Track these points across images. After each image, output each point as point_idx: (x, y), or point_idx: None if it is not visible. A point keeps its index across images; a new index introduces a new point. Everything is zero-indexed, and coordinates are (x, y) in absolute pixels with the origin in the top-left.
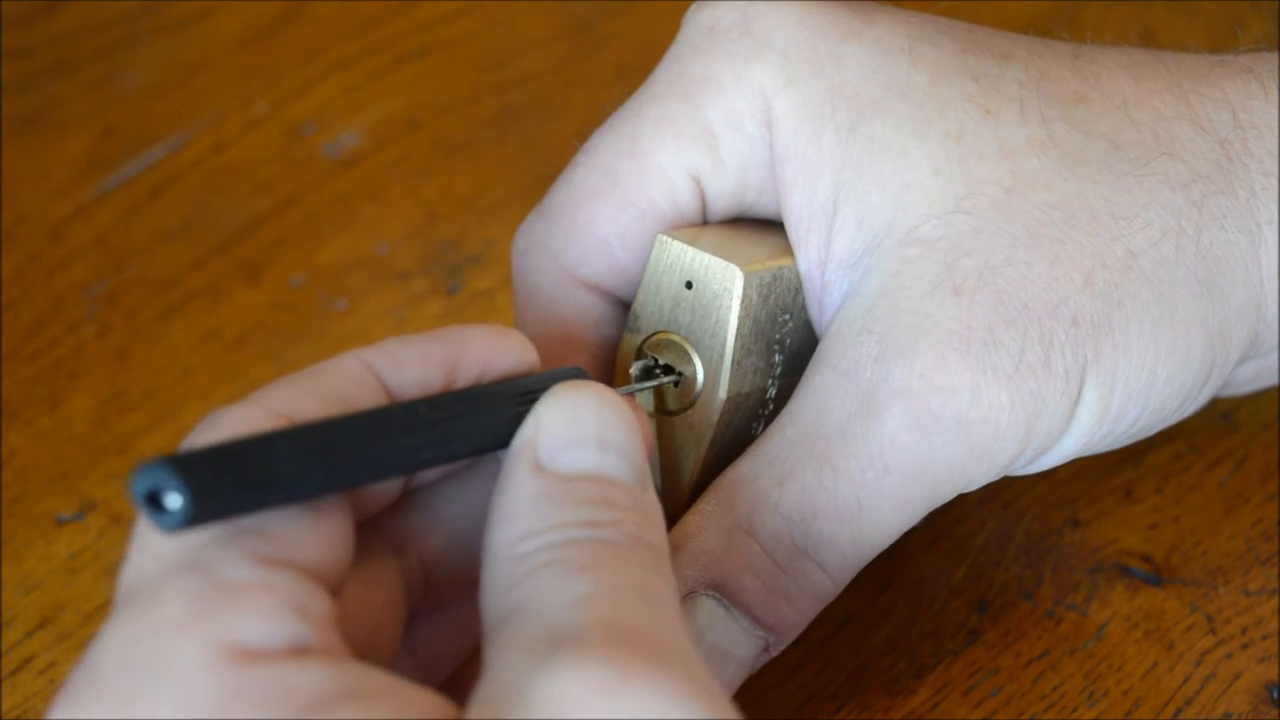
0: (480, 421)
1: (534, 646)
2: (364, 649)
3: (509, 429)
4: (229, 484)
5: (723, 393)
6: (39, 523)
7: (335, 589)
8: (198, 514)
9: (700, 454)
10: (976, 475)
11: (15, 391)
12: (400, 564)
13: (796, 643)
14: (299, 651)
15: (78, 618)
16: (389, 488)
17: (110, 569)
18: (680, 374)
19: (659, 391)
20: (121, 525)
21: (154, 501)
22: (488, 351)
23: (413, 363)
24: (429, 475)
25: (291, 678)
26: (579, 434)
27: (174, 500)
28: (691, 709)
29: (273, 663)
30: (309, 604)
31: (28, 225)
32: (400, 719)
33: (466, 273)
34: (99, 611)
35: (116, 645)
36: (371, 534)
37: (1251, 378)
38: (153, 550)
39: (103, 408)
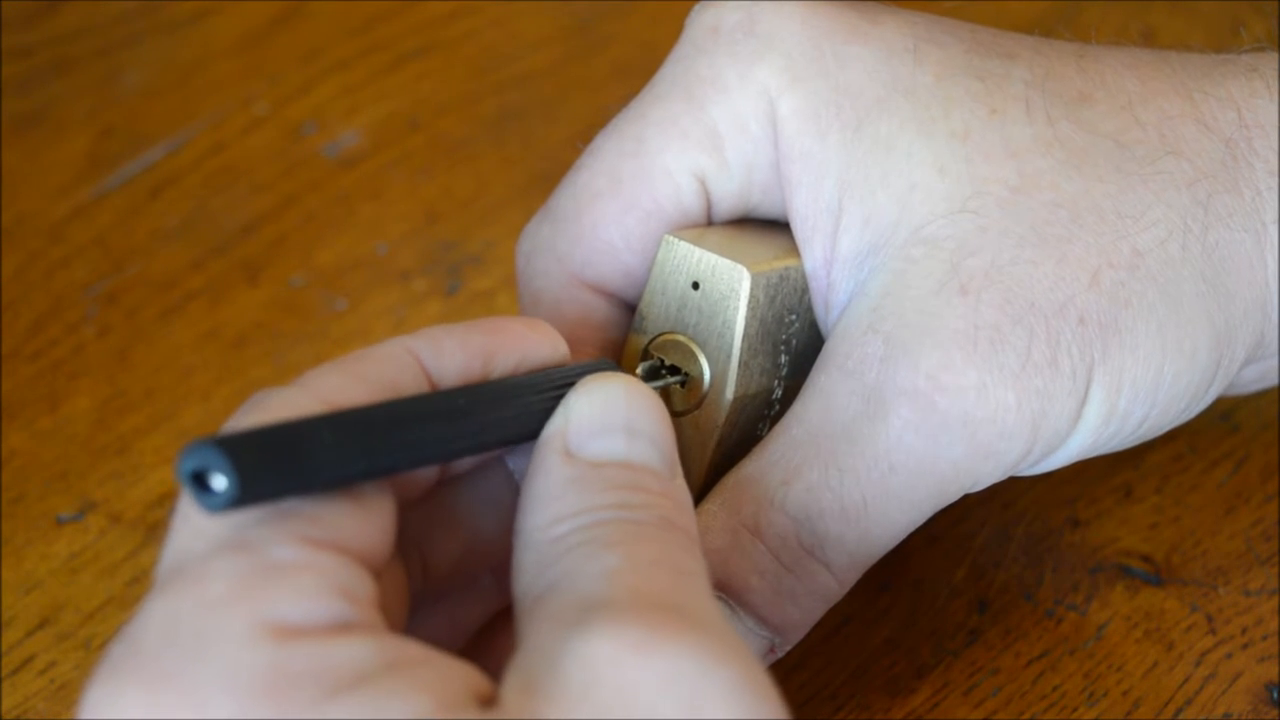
0: (515, 412)
1: (566, 616)
2: None
3: (540, 420)
4: (274, 468)
5: (729, 393)
6: (39, 523)
7: (378, 575)
8: (242, 496)
9: (707, 455)
10: (983, 475)
11: (15, 391)
12: (405, 554)
13: (797, 643)
14: (342, 628)
15: (78, 618)
16: (425, 479)
17: (110, 569)
18: (687, 374)
19: (665, 392)
20: (121, 525)
21: (199, 481)
22: (524, 342)
23: (454, 350)
24: (462, 465)
25: (334, 652)
26: (608, 422)
27: (219, 481)
28: (727, 671)
29: (315, 638)
30: (354, 586)
31: (28, 225)
32: (442, 689)
33: (466, 273)
34: (99, 611)
35: (159, 621)
36: None
37: (1256, 378)
38: (198, 529)
39: (103, 408)
